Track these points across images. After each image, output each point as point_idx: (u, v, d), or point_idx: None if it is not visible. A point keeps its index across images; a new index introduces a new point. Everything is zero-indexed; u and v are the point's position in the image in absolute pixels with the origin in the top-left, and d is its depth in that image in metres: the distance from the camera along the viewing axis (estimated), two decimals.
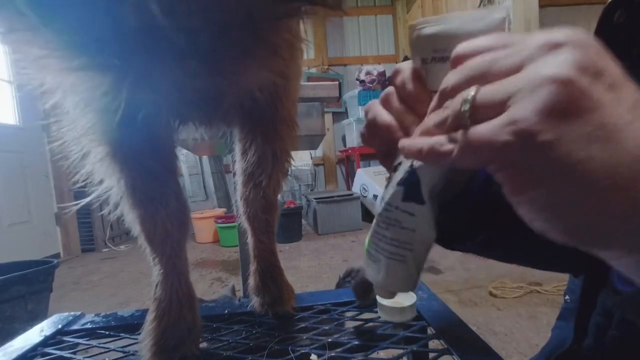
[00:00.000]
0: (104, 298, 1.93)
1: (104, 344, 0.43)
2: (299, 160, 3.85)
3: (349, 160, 4.20)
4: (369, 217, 3.22)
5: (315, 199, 3.10)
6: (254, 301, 0.49)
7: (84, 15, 0.22)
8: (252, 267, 0.50)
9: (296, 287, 0.52)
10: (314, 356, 0.39)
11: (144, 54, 0.23)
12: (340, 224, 3.12)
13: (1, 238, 2.35)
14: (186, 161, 3.70)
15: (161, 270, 0.39)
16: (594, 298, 0.37)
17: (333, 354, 0.37)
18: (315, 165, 4.12)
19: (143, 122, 0.29)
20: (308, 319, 0.47)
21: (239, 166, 0.47)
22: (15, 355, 0.40)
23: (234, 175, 0.50)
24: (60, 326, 0.47)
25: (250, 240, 0.50)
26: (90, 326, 0.48)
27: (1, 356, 0.40)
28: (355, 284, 0.50)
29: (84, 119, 0.34)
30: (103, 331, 0.46)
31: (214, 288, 1.97)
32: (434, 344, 0.39)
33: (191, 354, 0.39)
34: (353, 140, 3.73)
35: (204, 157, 3.73)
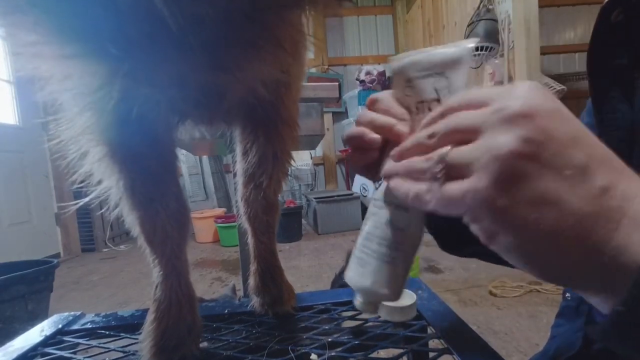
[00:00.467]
0: (104, 298, 1.93)
1: (104, 343, 0.43)
2: (299, 160, 3.85)
3: (349, 160, 4.19)
4: None
5: (315, 198, 3.10)
6: (254, 301, 0.49)
7: None
8: (253, 268, 0.50)
9: (296, 287, 0.52)
10: (314, 356, 0.39)
11: (143, 42, 0.22)
12: (340, 223, 3.12)
13: (1, 238, 2.35)
14: (186, 161, 3.70)
15: (161, 271, 0.39)
16: None
17: (333, 354, 0.37)
18: (315, 165, 4.12)
19: (142, 120, 0.28)
20: (308, 318, 0.47)
21: (239, 167, 0.47)
22: (15, 355, 0.40)
23: (234, 175, 0.50)
24: (60, 326, 0.47)
25: (250, 240, 0.50)
26: (91, 326, 0.48)
27: (1, 356, 0.40)
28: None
29: (82, 117, 0.33)
30: (103, 331, 0.46)
31: (214, 288, 1.97)
32: (434, 343, 0.39)
33: (191, 354, 0.39)
34: None
35: (204, 157, 3.73)
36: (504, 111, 0.21)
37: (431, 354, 0.38)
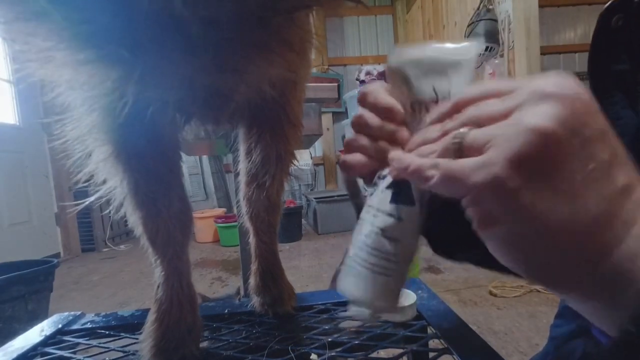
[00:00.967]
0: (104, 298, 1.93)
1: (104, 343, 0.43)
2: (300, 160, 3.85)
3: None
4: None
5: (315, 198, 3.10)
6: (254, 301, 0.49)
7: (91, 1, 0.21)
8: (254, 267, 0.50)
9: (296, 287, 0.52)
10: (314, 355, 0.39)
11: (154, 45, 0.22)
12: (340, 223, 3.12)
13: (1, 238, 2.34)
14: (186, 161, 3.70)
15: (163, 272, 0.39)
16: None
17: (333, 354, 0.37)
18: (315, 165, 4.12)
19: (148, 121, 0.28)
20: (308, 318, 0.47)
21: (242, 166, 0.47)
22: (15, 355, 0.40)
23: (235, 175, 0.50)
24: (60, 326, 0.47)
25: (252, 240, 0.50)
26: (91, 326, 0.48)
27: (1, 356, 0.40)
28: None
29: (89, 117, 0.33)
30: (103, 331, 0.46)
31: (214, 288, 1.97)
32: (434, 343, 0.39)
33: (191, 354, 0.39)
34: None
35: (204, 157, 3.73)
36: (539, 91, 0.19)
37: (431, 354, 0.38)
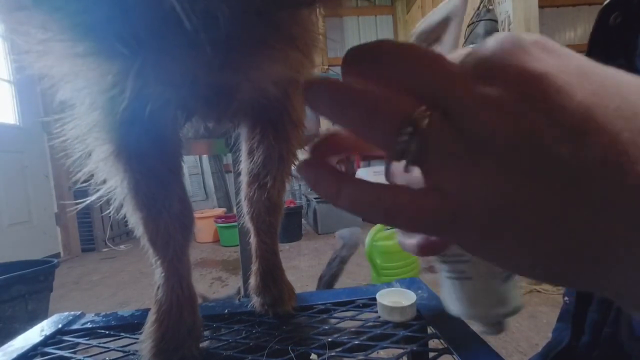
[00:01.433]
0: (104, 298, 1.93)
1: (104, 343, 0.43)
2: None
3: (349, 160, 4.18)
4: None
5: (315, 198, 3.10)
6: (254, 301, 0.49)
7: None
8: (254, 267, 0.50)
9: (296, 287, 0.52)
10: (314, 356, 0.39)
11: (154, 40, 0.21)
12: (340, 223, 3.11)
13: (1, 238, 2.35)
14: (186, 161, 3.69)
15: (163, 272, 0.39)
16: (589, 294, 0.38)
17: (333, 354, 0.37)
18: None
19: (149, 120, 0.27)
20: (308, 318, 0.47)
21: (244, 166, 0.47)
22: (15, 354, 0.40)
23: (235, 175, 0.50)
24: (60, 326, 0.47)
25: (253, 240, 0.50)
26: (91, 326, 0.47)
27: (1, 356, 0.40)
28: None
29: (89, 116, 0.32)
30: (103, 331, 0.46)
31: (214, 288, 1.97)
32: (434, 343, 0.39)
33: (191, 355, 0.39)
34: None
35: (204, 157, 3.73)
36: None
37: (431, 354, 0.38)
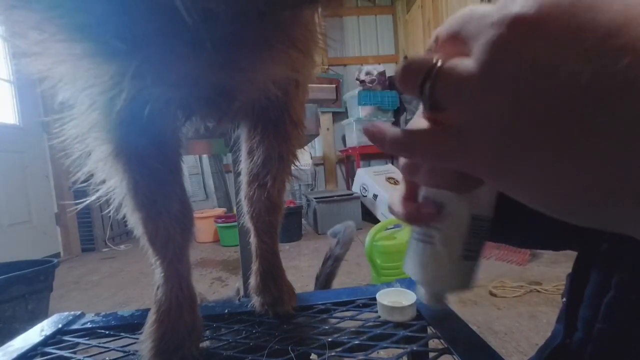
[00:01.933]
0: (104, 298, 1.93)
1: (104, 343, 0.43)
2: (301, 160, 3.85)
3: (349, 160, 4.20)
4: (369, 217, 3.21)
5: (315, 198, 3.09)
6: (254, 301, 0.49)
7: None
8: (254, 267, 0.50)
9: (296, 287, 0.52)
10: (314, 356, 0.39)
11: (154, 39, 0.21)
12: (340, 223, 3.12)
13: (1, 238, 2.34)
14: (186, 161, 3.69)
15: (162, 273, 0.39)
16: (581, 291, 0.38)
17: (333, 354, 0.37)
18: (315, 165, 4.12)
19: (149, 120, 0.27)
20: (308, 318, 0.47)
21: (244, 166, 0.47)
22: (15, 354, 0.40)
23: (235, 175, 0.50)
24: (60, 326, 0.47)
25: (253, 240, 0.50)
26: (90, 326, 0.47)
27: (1, 356, 0.40)
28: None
29: (89, 116, 0.32)
30: (103, 331, 0.46)
31: (214, 288, 1.97)
32: (434, 343, 0.39)
33: (191, 355, 0.39)
34: (353, 140, 3.72)
35: (204, 157, 3.73)
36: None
37: (431, 354, 0.38)
